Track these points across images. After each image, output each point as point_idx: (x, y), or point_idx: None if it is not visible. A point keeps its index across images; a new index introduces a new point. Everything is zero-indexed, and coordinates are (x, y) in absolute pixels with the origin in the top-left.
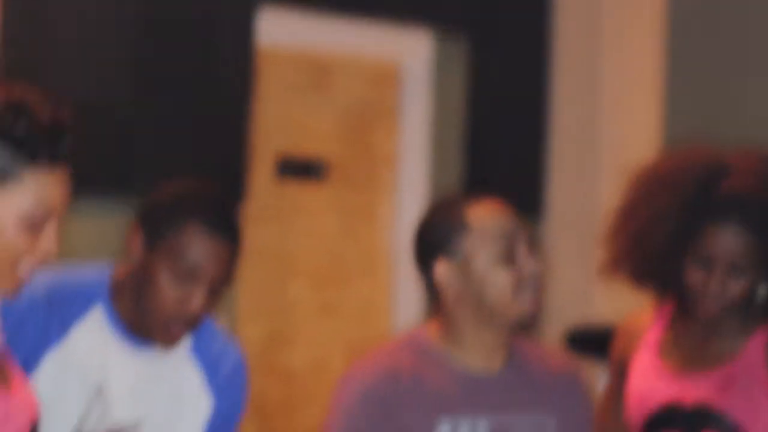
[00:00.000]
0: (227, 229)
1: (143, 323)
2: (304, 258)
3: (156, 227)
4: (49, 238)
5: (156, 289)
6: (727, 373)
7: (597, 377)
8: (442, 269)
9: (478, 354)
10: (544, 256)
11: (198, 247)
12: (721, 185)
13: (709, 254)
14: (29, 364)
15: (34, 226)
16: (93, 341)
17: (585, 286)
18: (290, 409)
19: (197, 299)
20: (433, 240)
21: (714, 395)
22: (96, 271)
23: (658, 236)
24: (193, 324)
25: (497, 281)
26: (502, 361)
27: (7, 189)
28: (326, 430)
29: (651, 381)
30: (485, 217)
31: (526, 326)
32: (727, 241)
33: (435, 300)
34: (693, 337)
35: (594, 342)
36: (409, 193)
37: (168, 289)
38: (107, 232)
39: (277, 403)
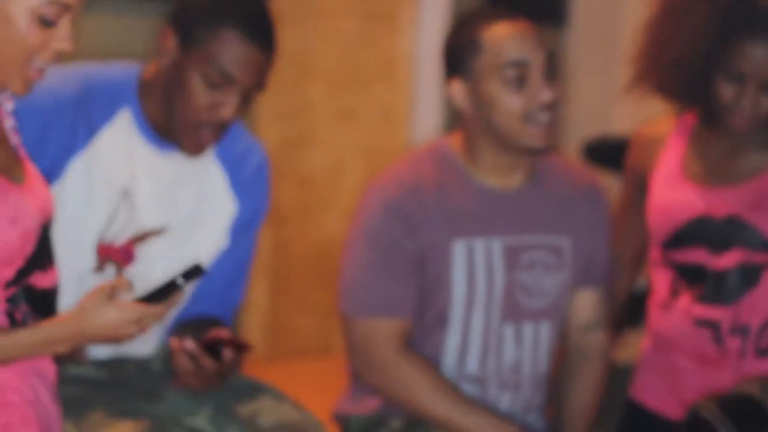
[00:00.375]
0: (263, 36)
1: (171, 127)
2: (322, 62)
3: (190, 31)
4: (62, 36)
5: (186, 94)
6: (758, 188)
7: (614, 190)
8: (456, 88)
9: (495, 173)
10: (562, 81)
11: (233, 54)
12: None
13: (742, 70)
14: (55, 169)
15: (47, 22)
16: (120, 145)
17: (606, 98)
18: (306, 214)
19: (229, 106)
20: (450, 58)
21: (744, 209)
22: (125, 70)
23: (690, 48)
24: (222, 131)
25: (504, 106)
26: (522, 180)
27: None
28: (349, 239)
29: (677, 195)
30: (501, 39)
31: (537, 154)
32: (763, 56)
33: (451, 115)
34: (719, 152)
35: (612, 154)
36: None
37: (199, 95)
38: (137, 31)
39: (293, 208)
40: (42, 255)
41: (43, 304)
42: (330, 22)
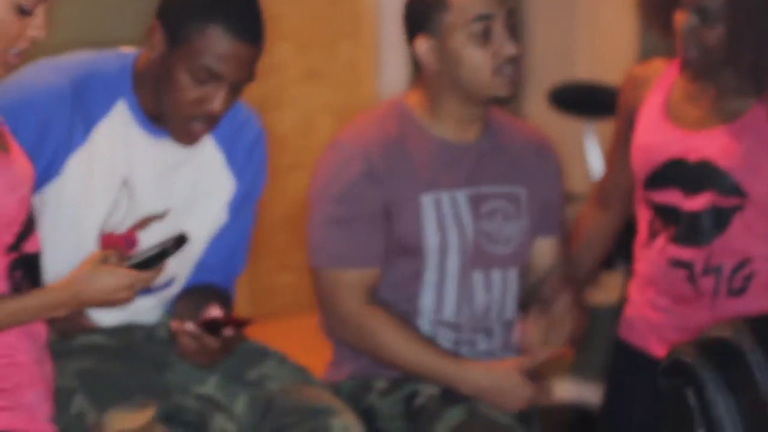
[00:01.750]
0: (250, 31)
1: (164, 118)
2: (288, 21)
3: (176, 27)
4: (38, 24)
5: (174, 89)
6: (731, 132)
7: (582, 134)
8: (422, 45)
9: (455, 126)
10: (525, 29)
11: (219, 51)
12: None
13: None
14: (55, 165)
15: (24, 11)
16: (117, 135)
17: (568, 44)
18: (279, 173)
19: (218, 100)
20: (415, 15)
21: (716, 154)
22: (119, 61)
23: None
24: (213, 123)
25: (472, 60)
26: (478, 133)
27: None
28: (313, 195)
29: (657, 136)
30: None
31: (502, 103)
32: None
33: (418, 72)
34: (700, 97)
35: (577, 99)
36: None
37: (187, 90)
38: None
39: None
40: (30, 221)
41: (33, 267)
42: None
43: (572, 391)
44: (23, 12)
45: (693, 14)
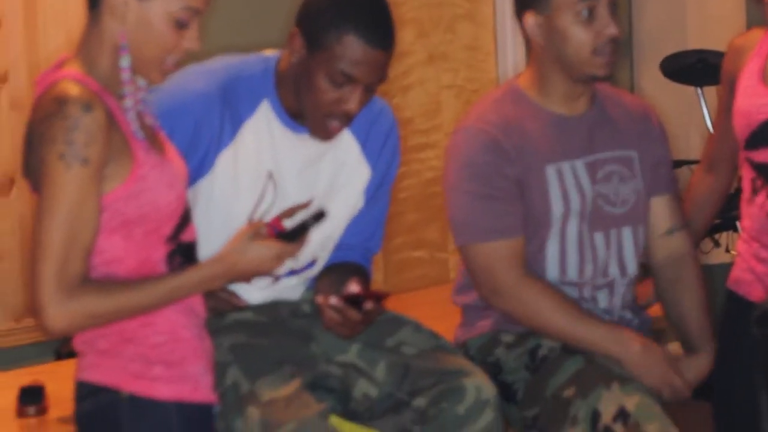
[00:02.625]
0: (383, 38)
1: (303, 116)
2: (409, 7)
3: (315, 34)
4: (192, 36)
5: (313, 91)
6: None
7: (694, 100)
8: (530, 21)
9: (564, 101)
10: (631, 14)
11: (355, 57)
12: None
13: None
14: (206, 163)
15: (181, 25)
16: (262, 133)
17: (678, 18)
18: (408, 153)
19: (353, 101)
20: None
21: None
22: (262, 63)
23: None
24: (348, 121)
25: (576, 38)
26: (586, 106)
27: None
28: (449, 178)
29: (754, 100)
30: None
31: (601, 81)
32: None
33: (529, 50)
34: None
35: (689, 67)
36: None
37: (325, 92)
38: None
39: None
40: (186, 213)
41: (190, 254)
42: None
43: None
44: (181, 25)
45: None
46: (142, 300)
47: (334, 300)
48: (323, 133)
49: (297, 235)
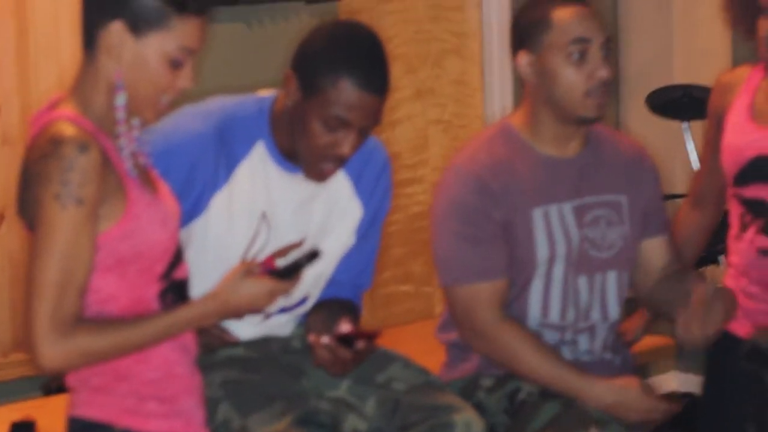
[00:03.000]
0: (378, 83)
1: (297, 157)
2: (397, 43)
3: (310, 78)
4: (186, 76)
5: (308, 134)
6: None
7: (680, 135)
8: (523, 60)
9: (556, 143)
10: (619, 48)
11: (349, 102)
12: None
13: (762, 1)
14: (201, 204)
15: (176, 64)
16: (257, 174)
17: (664, 53)
18: (396, 188)
19: (347, 145)
20: (520, 31)
21: None
22: (257, 104)
23: None
24: (342, 163)
25: (567, 79)
26: (578, 148)
27: (156, 33)
28: (436, 216)
29: (743, 136)
30: (568, 18)
31: (591, 123)
32: None
33: (522, 89)
34: None
35: (674, 101)
36: None
37: (319, 136)
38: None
39: None
40: (179, 251)
41: (182, 292)
42: (401, 3)
43: (678, 382)
44: (175, 65)
45: None
46: (137, 338)
47: (326, 339)
48: (317, 175)
49: (290, 274)
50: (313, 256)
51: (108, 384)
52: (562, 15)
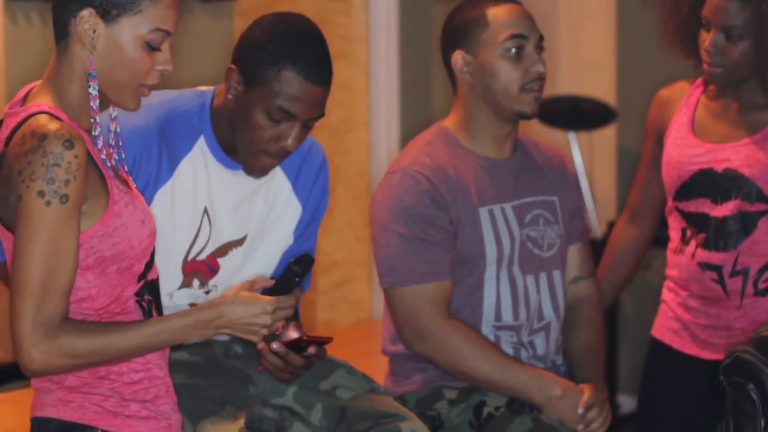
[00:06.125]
0: (320, 74)
1: (238, 152)
2: None
3: (253, 70)
4: (164, 59)
5: (251, 127)
6: (755, 143)
7: (568, 145)
8: (458, 61)
9: (492, 144)
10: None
11: (292, 93)
12: None
13: (706, 15)
14: (145, 198)
15: (152, 47)
16: (198, 169)
17: (551, 64)
18: None
19: (291, 137)
20: (454, 32)
21: (742, 163)
22: (198, 99)
23: (683, 4)
24: (284, 157)
25: (504, 75)
26: (511, 150)
27: (128, 17)
28: (378, 221)
29: (685, 151)
30: (504, 16)
31: (527, 119)
32: (719, 2)
33: (455, 91)
34: (724, 113)
35: (561, 113)
36: None
37: (262, 128)
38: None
39: None
40: (153, 251)
41: (156, 292)
42: (291, 5)
43: (627, 404)
44: (151, 48)
45: (718, 33)
46: (125, 342)
47: (276, 345)
48: (257, 169)
49: (284, 286)
50: (303, 260)
51: (86, 383)
52: (498, 13)
